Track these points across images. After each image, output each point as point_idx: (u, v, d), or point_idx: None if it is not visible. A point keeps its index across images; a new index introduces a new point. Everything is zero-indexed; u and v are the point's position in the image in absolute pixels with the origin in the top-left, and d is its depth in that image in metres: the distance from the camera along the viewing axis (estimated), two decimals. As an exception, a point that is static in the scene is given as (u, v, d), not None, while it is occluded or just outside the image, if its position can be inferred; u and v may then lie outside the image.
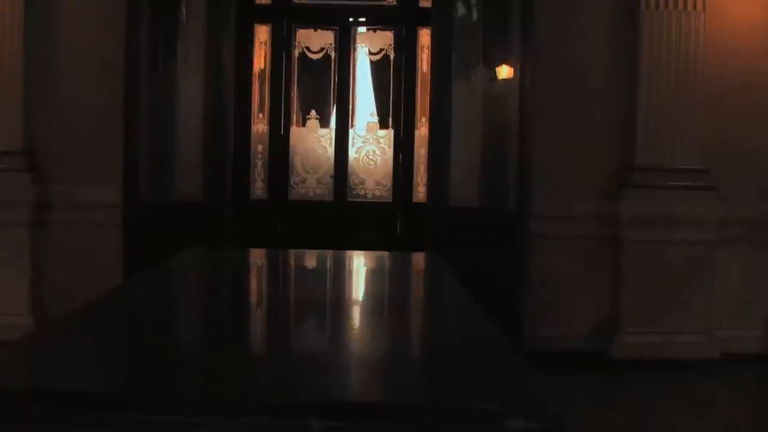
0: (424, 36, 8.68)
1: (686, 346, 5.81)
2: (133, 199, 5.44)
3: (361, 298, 2.97)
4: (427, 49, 8.43)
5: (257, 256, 4.05)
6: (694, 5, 5.79)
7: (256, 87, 9.03)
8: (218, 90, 5.77)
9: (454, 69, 5.82)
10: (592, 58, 5.97)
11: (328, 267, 3.68)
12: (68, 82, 5.65)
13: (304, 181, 9.21)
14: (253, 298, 2.97)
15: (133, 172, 5.43)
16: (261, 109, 9.09)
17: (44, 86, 5.61)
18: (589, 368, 5.70)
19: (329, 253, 4.12)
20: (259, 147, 9.11)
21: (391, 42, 9.14)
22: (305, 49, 9.14)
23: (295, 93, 9.15)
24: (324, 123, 9.19)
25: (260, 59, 9.04)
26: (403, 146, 9.08)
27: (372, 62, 9.24)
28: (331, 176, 9.20)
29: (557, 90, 5.90)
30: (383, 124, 9.22)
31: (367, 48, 9.18)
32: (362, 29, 9.19)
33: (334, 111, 9.15)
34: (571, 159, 5.94)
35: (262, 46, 9.04)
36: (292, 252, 4.50)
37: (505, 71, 5.87)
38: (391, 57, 9.16)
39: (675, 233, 5.86)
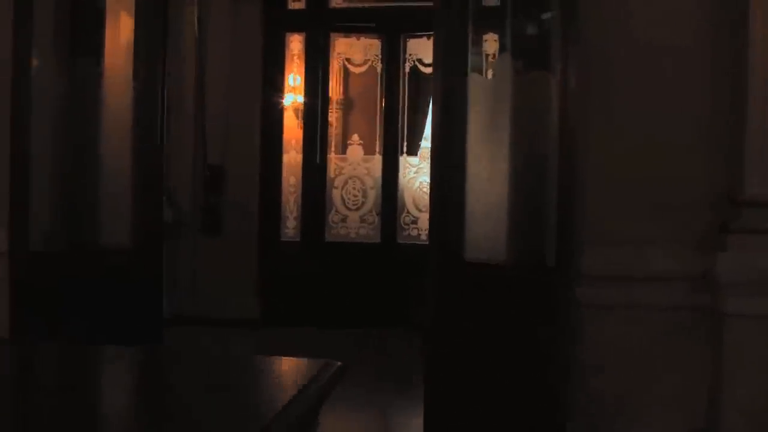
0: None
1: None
2: (22, 249, 4.04)
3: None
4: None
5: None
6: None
7: (287, 106, 7.56)
8: (151, 102, 4.31)
9: (470, 68, 4.14)
10: (676, 45, 4.12)
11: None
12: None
13: (344, 219, 7.65)
14: None
15: (22, 214, 4.04)
16: (292, 133, 7.61)
17: None
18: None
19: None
20: (292, 179, 7.64)
21: (449, 49, 7.47)
22: (346, 62, 7.63)
23: (334, 114, 7.63)
24: (369, 149, 7.62)
25: (292, 73, 7.57)
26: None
27: (425, 75, 7.62)
28: (377, 213, 7.61)
29: (622, 93, 4.09)
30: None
31: (420, 58, 7.56)
32: (413, 35, 7.56)
33: (381, 135, 7.58)
34: (642, 191, 4.07)
35: (294, 58, 7.58)
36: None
37: (541, 69, 4.10)
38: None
39: (806, 302, 3.90)
